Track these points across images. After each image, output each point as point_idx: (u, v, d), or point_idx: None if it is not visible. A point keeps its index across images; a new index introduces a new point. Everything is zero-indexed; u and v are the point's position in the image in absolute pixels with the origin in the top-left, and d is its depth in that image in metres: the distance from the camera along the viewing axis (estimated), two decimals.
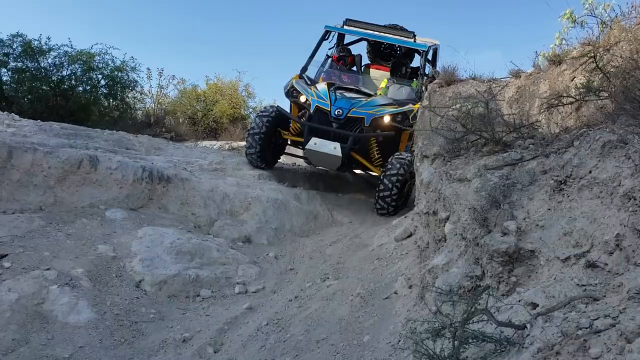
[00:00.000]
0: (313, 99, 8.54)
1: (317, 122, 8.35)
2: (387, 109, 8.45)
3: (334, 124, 8.22)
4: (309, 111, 8.54)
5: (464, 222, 3.66)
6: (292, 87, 9.05)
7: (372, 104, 8.52)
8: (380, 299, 4.52)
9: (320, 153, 8.16)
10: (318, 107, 8.39)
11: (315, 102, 8.48)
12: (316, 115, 8.39)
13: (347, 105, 8.31)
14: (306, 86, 8.99)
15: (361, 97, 8.71)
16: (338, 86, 8.99)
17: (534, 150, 3.68)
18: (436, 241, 4.28)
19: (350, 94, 8.73)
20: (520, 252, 3.14)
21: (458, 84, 6.28)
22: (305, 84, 9.09)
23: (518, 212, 3.36)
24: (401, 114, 8.40)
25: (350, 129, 8.22)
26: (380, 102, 8.67)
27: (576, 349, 2.00)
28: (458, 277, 3.45)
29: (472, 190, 3.65)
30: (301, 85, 9.00)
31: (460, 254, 3.65)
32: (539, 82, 5.71)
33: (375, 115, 8.28)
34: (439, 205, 4.26)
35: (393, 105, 8.64)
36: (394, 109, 8.52)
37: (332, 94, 8.55)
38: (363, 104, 8.43)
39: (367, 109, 8.35)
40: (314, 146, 8.12)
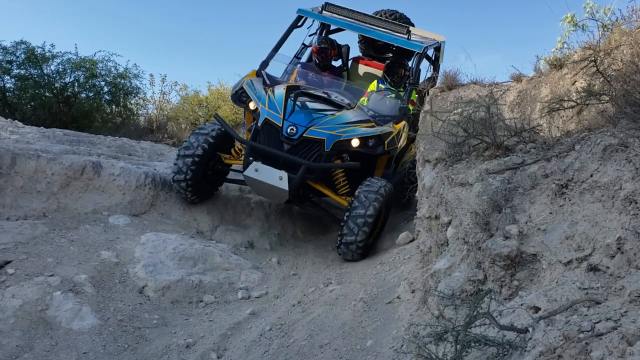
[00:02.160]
0: (263, 108, 6.64)
1: (264, 140, 6.49)
2: (358, 128, 6.59)
3: (285, 144, 6.40)
4: (256, 124, 6.68)
5: (466, 226, 3.67)
6: (242, 89, 7.09)
7: (340, 120, 6.59)
8: (383, 304, 4.53)
9: (261, 183, 6.27)
10: (267, 120, 6.51)
11: (264, 113, 6.57)
12: (264, 131, 6.53)
13: (305, 121, 6.45)
14: (261, 88, 7.02)
15: (329, 109, 6.75)
16: (302, 91, 6.93)
17: (535, 154, 3.69)
18: (438, 245, 4.28)
19: (315, 104, 6.76)
20: (522, 256, 3.14)
21: (459, 89, 6.29)
22: (260, 85, 7.10)
23: (520, 216, 3.37)
24: (375, 138, 6.61)
25: (305, 154, 6.37)
26: (351, 118, 6.71)
27: (578, 352, 2.00)
28: (460, 281, 3.45)
29: (473, 194, 3.65)
30: (253, 87, 7.01)
31: (462, 258, 3.65)
32: (541, 86, 5.72)
33: (339, 138, 6.41)
34: (441, 209, 4.27)
35: (368, 123, 6.78)
36: (367, 128, 6.67)
37: (291, 102, 6.65)
38: (327, 121, 6.52)
39: (331, 128, 6.46)
40: (254, 174, 6.22)
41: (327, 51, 8.39)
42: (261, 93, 6.88)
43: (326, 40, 8.56)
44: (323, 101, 6.85)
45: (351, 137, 6.46)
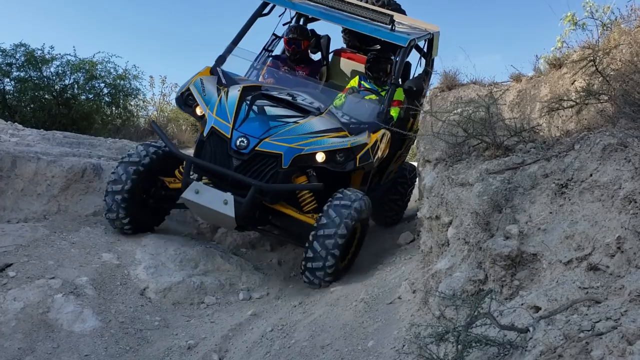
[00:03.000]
0: (210, 114, 5.58)
1: (209, 154, 5.44)
2: (325, 139, 5.49)
3: (234, 159, 5.32)
4: (201, 134, 5.64)
5: (467, 226, 3.68)
6: (188, 91, 5.90)
7: (303, 129, 5.49)
8: (384, 304, 4.53)
9: (202, 208, 5.31)
10: (214, 129, 5.47)
11: (211, 121, 5.52)
12: (210, 143, 5.48)
13: (259, 131, 5.38)
14: (213, 89, 5.88)
15: (292, 115, 5.67)
16: (263, 93, 5.85)
17: (535, 154, 3.70)
18: (439, 246, 4.29)
19: (276, 109, 5.67)
20: (523, 256, 3.15)
21: (459, 89, 6.31)
22: (213, 86, 5.94)
23: (520, 216, 3.37)
24: (344, 152, 5.48)
25: (258, 171, 5.32)
26: (318, 127, 5.58)
27: (578, 352, 2.01)
28: (461, 281, 3.46)
29: (474, 194, 3.66)
30: (203, 88, 5.86)
31: (463, 258, 3.66)
32: (540, 86, 5.74)
33: (301, 152, 5.36)
34: (441, 209, 4.28)
35: (339, 132, 5.63)
36: (337, 139, 5.54)
37: (246, 107, 5.57)
38: (287, 130, 5.45)
39: (291, 140, 5.39)
40: (194, 196, 5.25)
41: (299, 42, 7.17)
42: (212, 95, 5.78)
43: (297, 29, 7.37)
44: (286, 105, 5.75)
45: (315, 151, 5.37)
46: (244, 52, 6.66)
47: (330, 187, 5.52)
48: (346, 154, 5.49)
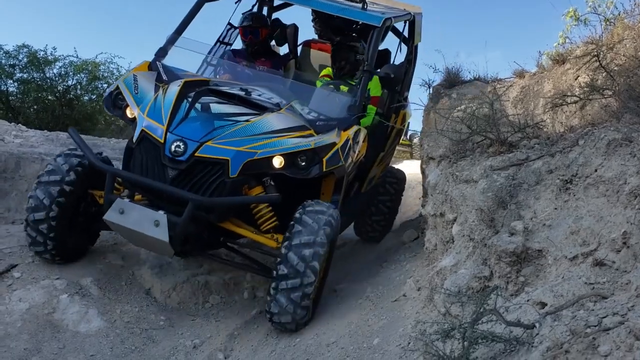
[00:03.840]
0: (141, 115, 4.57)
1: (139, 164, 4.44)
2: (284, 140, 4.50)
3: (169, 169, 4.30)
4: (131, 139, 4.64)
5: (471, 223, 3.67)
6: (118, 90, 4.90)
7: (256, 129, 4.51)
8: (389, 302, 4.53)
9: (129, 231, 4.29)
10: (145, 133, 4.45)
11: (141, 123, 4.51)
12: (141, 150, 4.47)
13: (200, 133, 4.38)
14: (150, 87, 4.89)
15: (245, 112, 4.69)
16: (210, 89, 4.91)
17: (539, 150, 3.69)
18: (444, 243, 4.29)
19: (224, 107, 4.72)
20: (528, 252, 3.15)
21: (462, 86, 6.31)
22: (151, 83, 4.96)
23: (525, 212, 3.37)
24: (307, 154, 4.47)
25: (200, 183, 4.31)
26: (275, 125, 4.60)
27: (585, 347, 2.00)
28: (466, 278, 3.46)
29: (478, 191, 3.66)
30: (135, 86, 4.86)
31: (468, 255, 3.66)
32: (543, 82, 5.73)
33: (253, 156, 4.35)
34: (445, 207, 4.27)
35: (301, 131, 4.66)
36: (298, 139, 4.55)
37: (186, 105, 4.58)
38: (236, 131, 4.45)
39: (240, 142, 4.38)
40: (119, 217, 4.23)
41: (256, 30, 6.26)
42: (147, 94, 4.78)
43: (253, 15, 6.49)
44: (238, 102, 4.79)
45: (271, 155, 4.38)
46: (191, 44, 5.59)
47: (294, 199, 4.54)
48: (309, 156, 4.45)
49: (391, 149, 6.58)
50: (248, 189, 4.50)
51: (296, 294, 4.23)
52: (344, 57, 5.88)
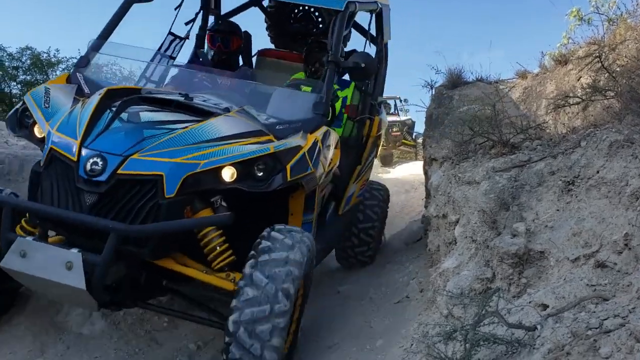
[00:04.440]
0: (50, 131, 3.64)
1: (48, 191, 3.47)
2: (235, 147, 3.56)
3: (86, 194, 3.32)
4: (39, 162, 3.66)
5: (474, 224, 3.68)
6: (24, 105, 4.00)
7: (198, 136, 3.57)
8: (392, 303, 4.54)
9: (35, 279, 3.25)
10: (54, 151, 3.51)
11: (51, 140, 3.57)
12: (50, 173, 3.51)
13: (123, 145, 3.41)
14: (66, 101, 3.99)
15: (183, 120, 3.73)
16: (142, 96, 4.00)
17: (541, 152, 3.69)
18: (446, 244, 4.30)
19: (157, 115, 3.77)
20: (530, 254, 3.15)
21: (464, 87, 6.30)
22: (69, 97, 4.06)
23: (527, 214, 3.37)
24: (267, 160, 3.56)
25: (126, 209, 3.32)
26: (223, 130, 3.67)
27: (586, 349, 2.01)
28: (469, 279, 3.46)
29: (480, 192, 3.66)
30: (43, 100, 3.95)
31: (470, 256, 3.66)
32: (546, 83, 5.73)
33: (194, 168, 3.41)
34: (448, 208, 4.28)
35: (257, 136, 3.75)
36: (253, 145, 3.63)
37: (108, 115, 3.63)
38: (170, 139, 3.50)
39: (177, 152, 3.44)
40: (20, 263, 3.22)
41: (227, 39, 5.40)
42: (60, 108, 3.88)
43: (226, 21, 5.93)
44: (176, 108, 3.83)
45: (220, 165, 3.44)
46: (122, 49, 4.66)
47: (256, 225, 3.66)
48: (269, 164, 3.53)
49: (369, 162, 5.68)
50: (192, 212, 3.46)
51: (264, 327, 3.13)
52: (317, 58, 5.27)
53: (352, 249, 5.82)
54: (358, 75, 4.60)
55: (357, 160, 5.36)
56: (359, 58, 4.48)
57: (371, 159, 5.77)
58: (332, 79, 4.33)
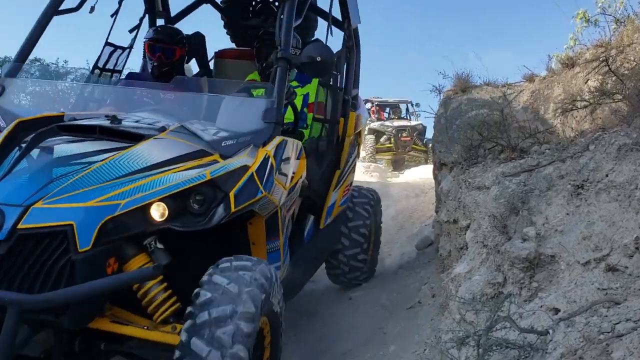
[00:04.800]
0: None
1: None
2: (166, 177, 2.90)
3: None
4: None
5: (484, 229, 3.69)
6: None
7: (118, 169, 2.89)
8: (404, 309, 4.56)
9: None
10: None
11: None
12: None
13: (24, 193, 2.70)
14: None
15: (105, 149, 3.02)
16: (61, 125, 3.29)
17: (550, 156, 3.71)
18: (458, 249, 4.31)
19: (74, 147, 3.06)
20: (541, 258, 3.16)
21: (472, 91, 6.33)
22: None
23: (537, 218, 3.39)
24: (204, 189, 2.92)
25: (32, 272, 2.59)
26: (152, 157, 3.00)
27: (599, 354, 2.03)
28: (480, 284, 3.47)
29: (490, 197, 3.68)
30: None
31: (481, 261, 3.68)
32: (553, 86, 5.74)
33: (114, 211, 2.72)
34: (459, 213, 4.30)
35: (197, 159, 3.08)
36: (189, 172, 2.95)
37: (16, 153, 2.99)
38: (82, 178, 2.81)
39: (91, 193, 2.75)
40: None
41: (169, 49, 4.56)
42: None
43: (165, 28, 5.01)
44: (101, 134, 3.15)
45: (146, 202, 2.81)
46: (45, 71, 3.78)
47: (210, 254, 2.99)
48: (207, 193, 2.92)
49: (349, 164, 5.05)
50: (120, 262, 2.84)
51: None
52: (269, 52, 4.40)
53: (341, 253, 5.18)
54: (314, 70, 3.88)
55: (334, 164, 4.73)
56: (314, 50, 3.77)
57: (352, 160, 5.12)
58: (283, 78, 3.63)
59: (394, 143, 17.36)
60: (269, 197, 3.20)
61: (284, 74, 3.63)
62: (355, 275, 5.34)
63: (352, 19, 4.94)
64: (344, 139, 4.82)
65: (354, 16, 5.00)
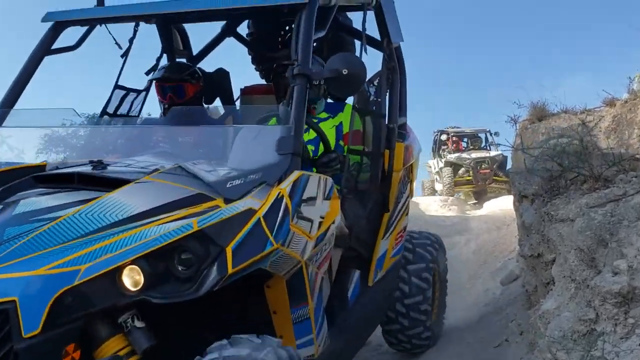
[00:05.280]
0: None
1: None
2: (144, 231, 2.20)
3: None
4: None
5: (571, 263, 3.57)
6: None
7: (82, 226, 2.24)
8: (491, 347, 4.43)
9: None
10: None
11: None
12: None
13: None
14: None
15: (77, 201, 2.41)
16: (38, 175, 2.77)
17: (637, 184, 3.57)
18: (544, 284, 4.18)
19: (44, 200, 2.49)
20: (635, 292, 3.02)
21: (550, 119, 6.20)
22: None
23: (627, 250, 3.24)
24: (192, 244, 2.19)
25: None
26: (130, 207, 2.33)
27: None
28: (570, 321, 3.34)
29: (576, 230, 3.56)
30: None
31: (570, 297, 3.54)
32: (637, 109, 5.55)
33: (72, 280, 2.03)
34: (543, 247, 4.17)
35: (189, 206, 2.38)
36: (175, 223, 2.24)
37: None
38: (34, 239, 2.19)
39: (39, 258, 2.11)
40: None
41: (179, 87, 4.11)
42: None
43: (174, 65, 4.44)
44: (80, 184, 2.60)
45: (115, 266, 2.11)
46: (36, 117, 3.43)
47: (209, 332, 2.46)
48: (196, 250, 2.22)
49: (401, 205, 4.28)
50: (84, 349, 2.17)
51: None
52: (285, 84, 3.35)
53: (397, 322, 4.42)
54: (341, 87, 3.11)
55: (380, 206, 3.98)
56: (339, 62, 2.99)
57: (404, 201, 4.34)
58: (303, 99, 2.86)
59: (473, 176, 16.66)
60: (284, 251, 2.45)
61: (303, 93, 2.88)
62: (416, 332, 4.45)
63: (392, 36, 4.18)
64: (391, 174, 4.04)
65: (394, 33, 4.23)
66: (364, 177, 3.67)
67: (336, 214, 2.98)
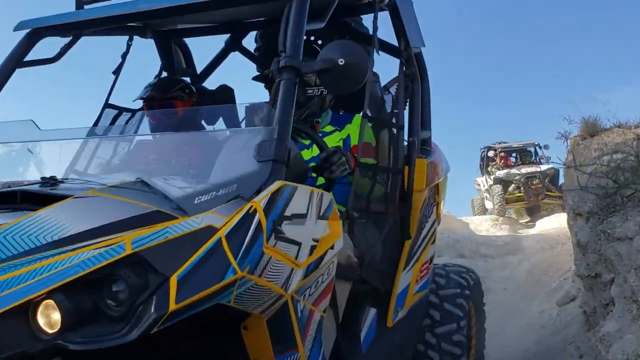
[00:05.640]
0: None
1: None
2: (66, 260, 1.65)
3: None
4: None
5: (632, 283, 3.45)
6: None
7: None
8: None
9: None
10: None
11: None
12: None
13: None
14: None
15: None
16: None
17: None
18: (603, 305, 4.05)
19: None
20: None
21: (602, 134, 6.02)
22: None
23: None
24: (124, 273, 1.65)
25: None
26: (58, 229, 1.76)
27: None
28: (634, 344, 3.23)
29: (635, 249, 3.45)
30: None
31: (632, 318, 3.42)
32: None
33: None
34: (600, 267, 4.05)
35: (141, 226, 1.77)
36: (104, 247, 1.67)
37: None
38: None
39: None
40: None
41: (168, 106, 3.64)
42: None
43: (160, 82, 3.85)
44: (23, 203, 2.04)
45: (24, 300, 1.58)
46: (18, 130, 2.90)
47: None
48: (130, 280, 1.66)
49: (426, 230, 3.63)
50: None
51: None
52: None
53: (432, 346, 3.58)
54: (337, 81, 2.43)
55: (399, 232, 3.31)
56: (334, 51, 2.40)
57: (430, 226, 3.68)
58: (290, 95, 2.31)
59: (524, 192, 16.04)
60: (255, 281, 1.88)
61: (290, 90, 2.32)
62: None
63: (411, 39, 3.47)
64: (411, 194, 3.33)
65: (413, 36, 3.52)
66: (377, 195, 2.98)
67: (336, 237, 2.35)
